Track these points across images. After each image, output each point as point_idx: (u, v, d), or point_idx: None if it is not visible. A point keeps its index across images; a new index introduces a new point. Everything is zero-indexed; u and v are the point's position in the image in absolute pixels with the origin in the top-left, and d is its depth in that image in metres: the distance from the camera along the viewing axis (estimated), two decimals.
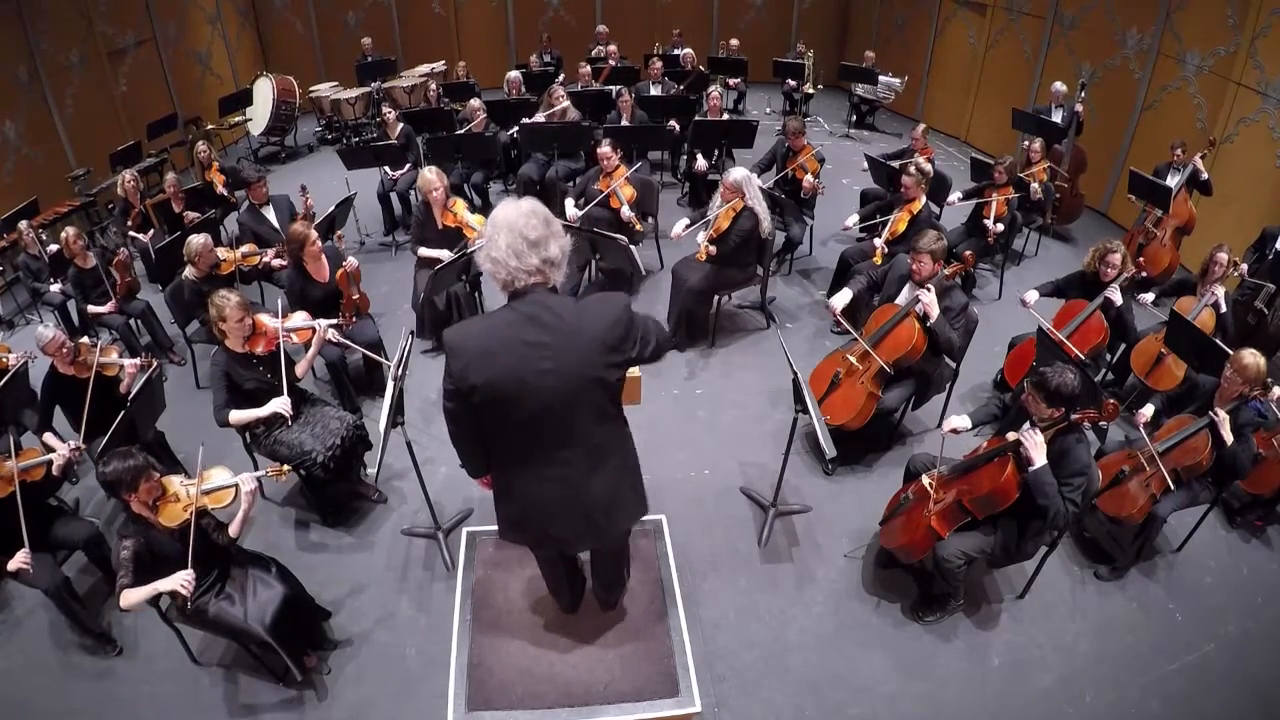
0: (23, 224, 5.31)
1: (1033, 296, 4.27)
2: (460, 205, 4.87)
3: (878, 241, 5.07)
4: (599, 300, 1.98)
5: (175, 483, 2.85)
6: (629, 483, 2.24)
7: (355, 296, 4.46)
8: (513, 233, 1.84)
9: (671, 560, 3.07)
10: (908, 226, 4.99)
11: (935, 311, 3.69)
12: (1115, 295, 4.06)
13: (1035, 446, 2.84)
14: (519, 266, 1.85)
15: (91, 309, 4.92)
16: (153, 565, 2.67)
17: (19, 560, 2.87)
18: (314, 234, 4.23)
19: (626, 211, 5.36)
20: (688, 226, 4.91)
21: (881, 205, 5.47)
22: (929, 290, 3.70)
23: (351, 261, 4.40)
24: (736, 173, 4.64)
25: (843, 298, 3.99)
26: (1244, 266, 4.74)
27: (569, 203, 5.53)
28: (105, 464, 2.66)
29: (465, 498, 3.86)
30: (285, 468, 3.12)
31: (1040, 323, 3.99)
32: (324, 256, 4.33)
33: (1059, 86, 6.81)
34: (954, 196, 5.74)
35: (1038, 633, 3.25)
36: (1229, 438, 3.20)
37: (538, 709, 2.50)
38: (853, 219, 5.43)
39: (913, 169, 5.01)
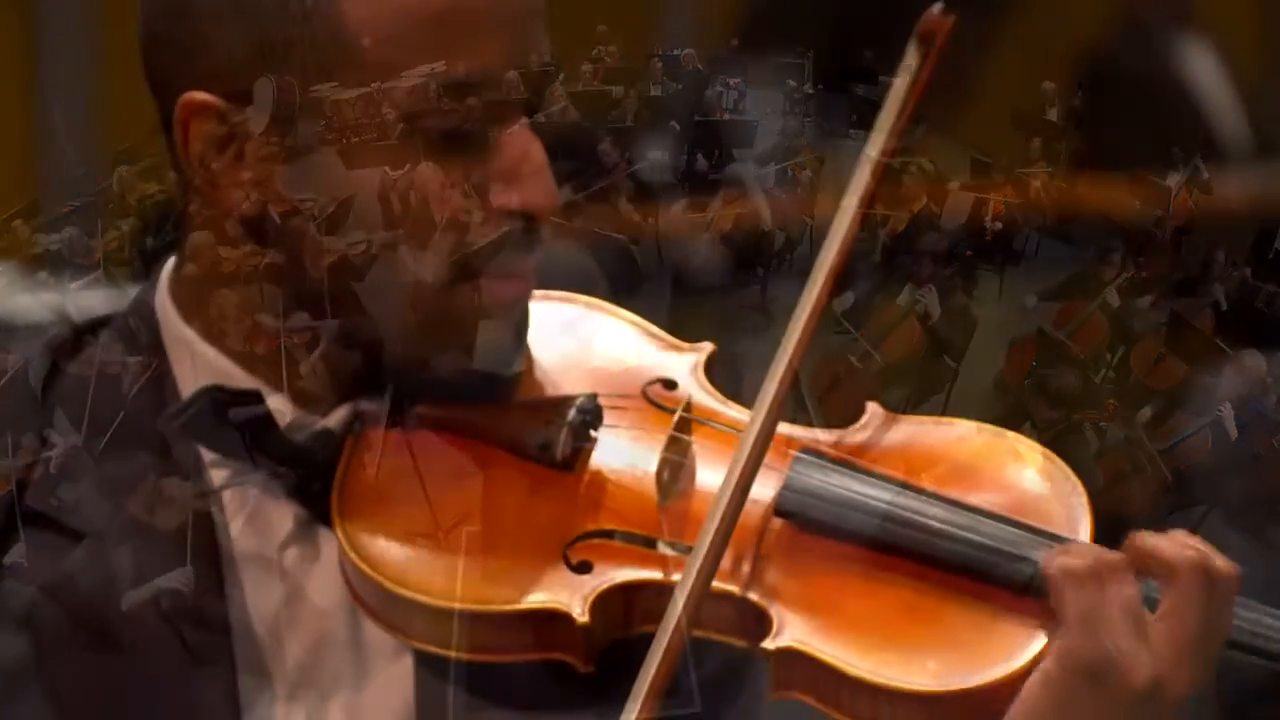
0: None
1: (1031, 301, 4.27)
2: None
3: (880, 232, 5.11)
4: None
5: None
6: None
7: None
8: None
9: None
10: (908, 225, 4.99)
11: (936, 310, 3.68)
12: (1112, 297, 4.04)
13: None
14: None
15: None
16: None
17: None
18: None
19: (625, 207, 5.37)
20: (687, 209, 5.05)
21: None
22: (931, 289, 3.70)
23: None
24: (738, 168, 4.65)
25: (844, 301, 3.98)
26: (1247, 270, 4.73)
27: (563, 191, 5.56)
28: None
29: None
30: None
31: (1040, 323, 3.99)
32: None
33: (1049, 85, 6.78)
34: (956, 184, 5.72)
35: None
36: (1234, 432, 3.20)
37: None
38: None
39: (913, 168, 5.03)
